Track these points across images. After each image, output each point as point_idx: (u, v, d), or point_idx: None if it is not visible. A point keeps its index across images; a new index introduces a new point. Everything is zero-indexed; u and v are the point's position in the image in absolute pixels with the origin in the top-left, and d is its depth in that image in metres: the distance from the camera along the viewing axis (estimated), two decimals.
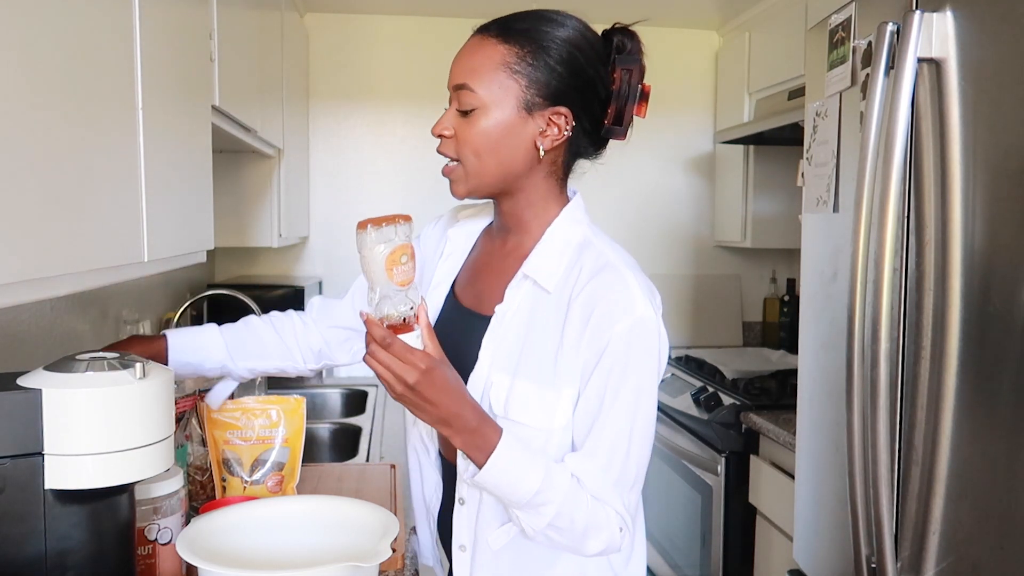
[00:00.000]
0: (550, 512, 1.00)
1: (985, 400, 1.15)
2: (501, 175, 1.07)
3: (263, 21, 2.17)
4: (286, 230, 2.67)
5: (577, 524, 1.01)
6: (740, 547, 2.39)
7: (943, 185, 1.22)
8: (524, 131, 1.05)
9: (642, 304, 1.03)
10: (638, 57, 1.11)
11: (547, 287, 1.06)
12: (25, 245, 0.75)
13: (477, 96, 1.04)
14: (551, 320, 1.05)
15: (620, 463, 1.04)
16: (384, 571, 1.19)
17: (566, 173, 1.14)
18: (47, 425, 0.87)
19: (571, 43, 1.06)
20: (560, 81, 1.05)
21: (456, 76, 1.06)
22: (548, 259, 1.08)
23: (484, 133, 1.04)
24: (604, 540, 1.03)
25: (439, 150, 1.09)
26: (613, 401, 1.03)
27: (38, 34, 0.78)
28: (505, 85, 1.03)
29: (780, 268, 3.46)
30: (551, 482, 1.00)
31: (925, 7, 1.24)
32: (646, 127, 3.95)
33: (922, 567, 1.26)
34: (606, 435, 1.03)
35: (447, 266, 1.22)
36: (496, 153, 1.05)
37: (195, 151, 1.35)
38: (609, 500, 1.03)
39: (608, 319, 1.02)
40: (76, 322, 1.74)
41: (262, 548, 1.02)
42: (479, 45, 1.06)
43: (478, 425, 0.99)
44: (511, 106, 1.04)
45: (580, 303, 1.03)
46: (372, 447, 2.06)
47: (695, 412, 2.53)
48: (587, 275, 1.05)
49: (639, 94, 1.10)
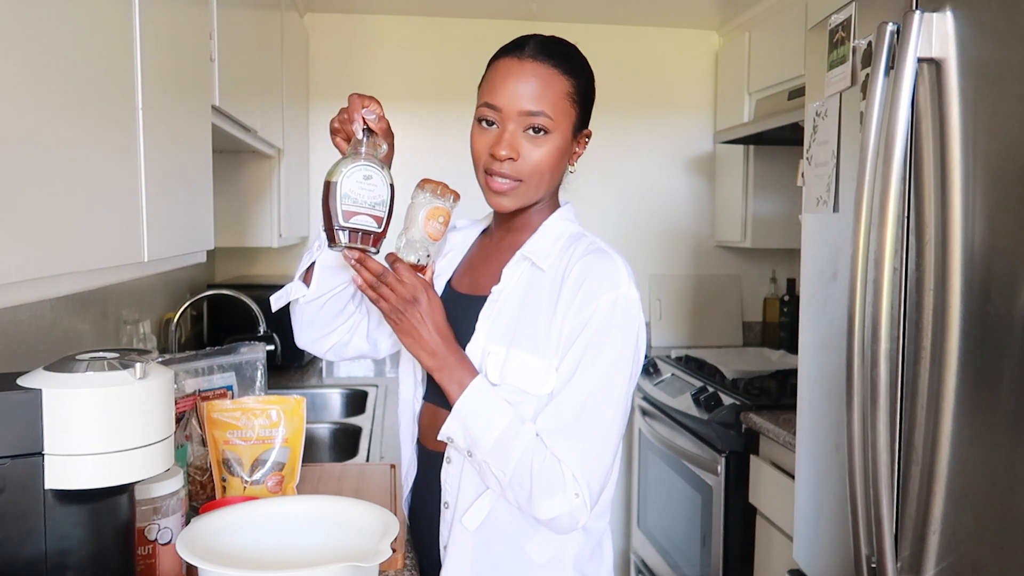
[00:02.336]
0: (515, 456, 1.08)
1: (985, 400, 1.15)
2: (547, 190, 1.20)
3: (263, 21, 2.18)
4: (286, 230, 2.67)
5: (534, 481, 1.07)
6: (740, 547, 2.39)
7: (943, 185, 1.22)
8: (567, 152, 1.18)
9: (627, 283, 1.13)
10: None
11: (543, 266, 1.17)
12: (25, 245, 0.76)
13: (551, 122, 1.14)
14: (545, 295, 1.16)
15: (586, 425, 1.09)
16: (384, 571, 1.19)
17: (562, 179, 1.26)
18: (47, 425, 0.87)
19: (590, 72, 1.20)
20: (590, 107, 1.21)
21: (528, 102, 1.13)
22: (545, 243, 1.20)
23: (550, 156, 1.15)
24: (558, 504, 1.08)
25: (500, 172, 1.14)
26: (589, 366, 1.10)
27: (38, 34, 0.78)
28: (569, 113, 1.16)
29: (780, 268, 3.46)
30: (517, 428, 1.09)
31: (925, 7, 1.24)
32: (646, 127, 3.96)
33: (922, 567, 1.27)
34: (575, 395, 1.10)
35: (445, 262, 1.32)
36: (553, 172, 1.17)
37: (195, 151, 1.35)
38: (568, 461, 1.08)
39: (596, 290, 1.11)
40: (76, 322, 1.74)
41: (262, 548, 1.02)
42: (548, 75, 1.14)
43: (458, 361, 1.13)
44: (568, 132, 1.16)
45: (572, 276, 1.14)
46: (372, 447, 2.06)
47: (695, 412, 2.53)
48: (580, 254, 1.15)
49: None
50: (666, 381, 2.89)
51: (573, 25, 3.32)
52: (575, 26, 3.32)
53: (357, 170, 1.10)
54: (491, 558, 1.17)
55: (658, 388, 2.89)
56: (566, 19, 3.28)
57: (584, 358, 1.10)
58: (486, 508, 1.17)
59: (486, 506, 1.17)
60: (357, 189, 1.10)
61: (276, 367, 2.67)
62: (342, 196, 1.09)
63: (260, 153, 2.42)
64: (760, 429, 2.25)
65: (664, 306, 3.44)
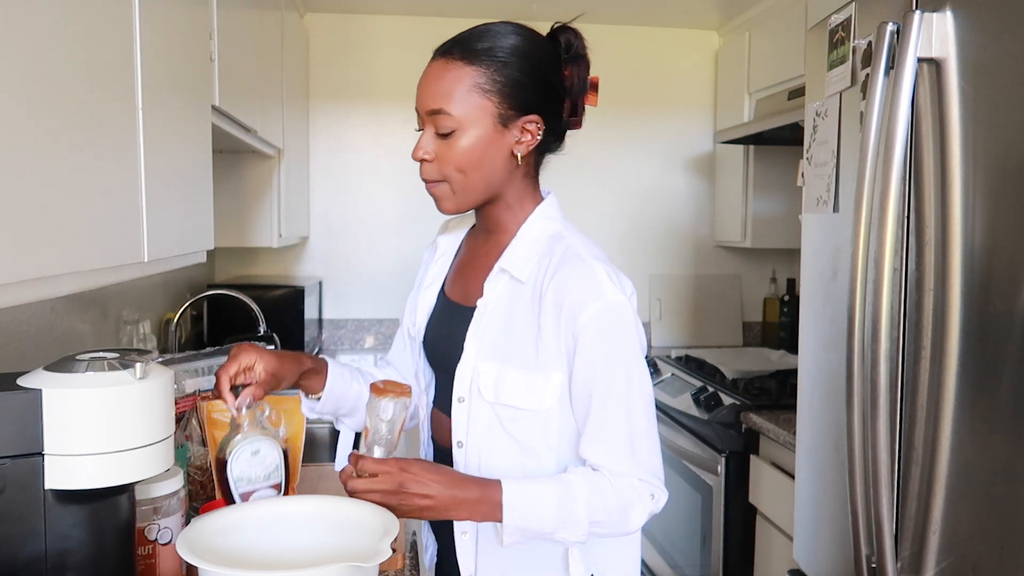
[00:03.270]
0: (582, 516, 1.07)
1: (985, 400, 1.15)
2: (485, 187, 1.14)
3: (263, 21, 2.17)
4: (286, 230, 2.67)
5: (611, 510, 1.08)
6: (740, 547, 2.39)
7: (943, 185, 1.22)
8: (502, 143, 1.11)
9: (610, 290, 1.09)
10: (583, 53, 1.17)
11: (521, 278, 1.13)
12: (25, 245, 0.75)
13: (454, 119, 1.09)
14: (528, 309, 1.12)
15: (626, 439, 1.10)
16: (384, 571, 1.19)
17: (537, 172, 1.21)
18: (47, 425, 0.87)
19: (530, 54, 1.12)
20: (528, 92, 1.11)
21: (428, 101, 1.11)
22: (521, 252, 1.15)
23: (466, 152, 1.10)
24: (642, 511, 1.10)
25: (423, 175, 1.14)
26: (605, 380, 1.09)
27: (38, 34, 0.78)
28: (479, 104, 1.09)
29: (780, 268, 3.46)
30: (568, 491, 1.07)
31: (925, 7, 1.24)
32: (646, 127, 3.96)
33: (922, 567, 1.26)
34: (605, 417, 1.09)
35: (437, 267, 1.30)
36: (480, 168, 1.11)
37: (195, 151, 1.35)
38: (629, 472, 1.09)
39: (579, 307, 1.08)
40: (76, 322, 1.74)
41: (262, 548, 1.02)
42: (445, 69, 1.10)
43: (480, 493, 1.06)
44: (488, 123, 1.10)
45: (551, 293, 1.10)
46: None
47: (695, 412, 2.53)
48: (555, 265, 1.11)
49: (588, 85, 1.17)
50: (666, 381, 2.89)
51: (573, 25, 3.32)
52: (575, 26, 3.32)
53: (244, 448, 1.16)
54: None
55: (658, 388, 2.89)
56: (566, 19, 3.27)
57: (597, 378, 1.09)
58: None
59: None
60: (248, 468, 1.17)
61: None
62: (235, 480, 1.16)
63: (260, 153, 2.42)
64: (760, 429, 2.25)
65: (664, 306, 3.44)
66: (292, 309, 2.80)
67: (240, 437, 1.16)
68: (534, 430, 1.13)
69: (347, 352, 3.27)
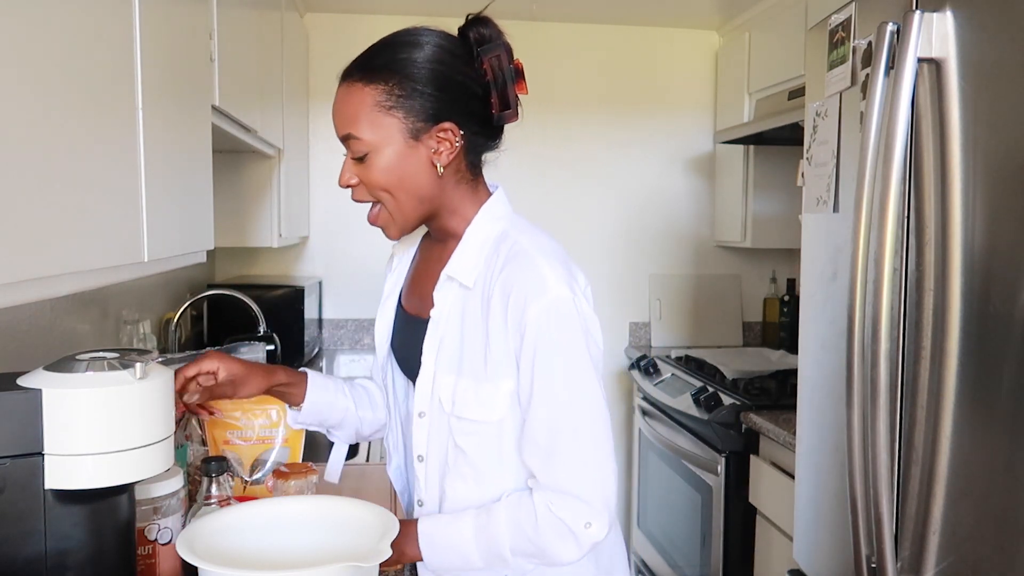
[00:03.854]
0: (505, 544, 1.05)
1: (985, 400, 1.15)
2: (418, 203, 1.11)
3: (263, 21, 2.17)
4: (286, 230, 2.67)
5: (536, 542, 1.05)
6: (740, 547, 2.39)
7: (943, 185, 1.22)
8: (418, 157, 1.08)
9: (554, 285, 1.05)
10: (500, 41, 1.11)
11: (468, 284, 1.10)
12: (25, 245, 0.75)
13: (364, 142, 1.07)
14: (477, 315, 1.09)
15: (567, 444, 1.05)
16: (384, 571, 1.19)
17: (475, 173, 1.16)
18: (47, 425, 0.87)
19: (431, 60, 1.08)
20: (433, 100, 1.07)
21: (339, 128, 1.09)
22: (467, 257, 1.12)
23: (384, 172, 1.08)
24: (572, 546, 1.05)
25: (353, 198, 1.13)
26: (546, 386, 1.04)
27: (38, 34, 0.78)
28: (384, 123, 1.06)
29: (780, 268, 3.46)
30: (487, 519, 1.06)
31: (925, 7, 1.24)
32: (646, 127, 3.96)
33: (922, 567, 1.26)
34: (542, 418, 1.05)
35: (393, 279, 1.28)
36: (402, 186, 1.09)
37: (195, 151, 1.35)
38: (569, 489, 1.04)
39: (522, 304, 1.04)
40: (76, 322, 1.74)
41: (262, 548, 1.02)
42: (348, 93, 1.08)
43: (403, 535, 1.06)
44: (398, 140, 1.07)
45: (497, 293, 1.06)
46: (372, 447, 2.06)
47: (695, 412, 2.53)
48: (500, 265, 1.08)
49: (514, 74, 1.11)
50: (666, 381, 2.89)
51: (573, 25, 3.32)
52: (575, 26, 3.33)
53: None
54: None
55: (658, 388, 2.89)
56: (566, 19, 3.28)
57: (537, 379, 1.04)
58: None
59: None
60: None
61: None
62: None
63: (260, 153, 2.42)
64: (760, 429, 2.25)
65: (664, 306, 3.44)
66: (292, 309, 2.80)
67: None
68: (489, 443, 1.10)
69: (347, 352, 3.27)
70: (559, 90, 3.32)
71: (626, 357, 3.36)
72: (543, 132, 3.28)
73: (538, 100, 3.33)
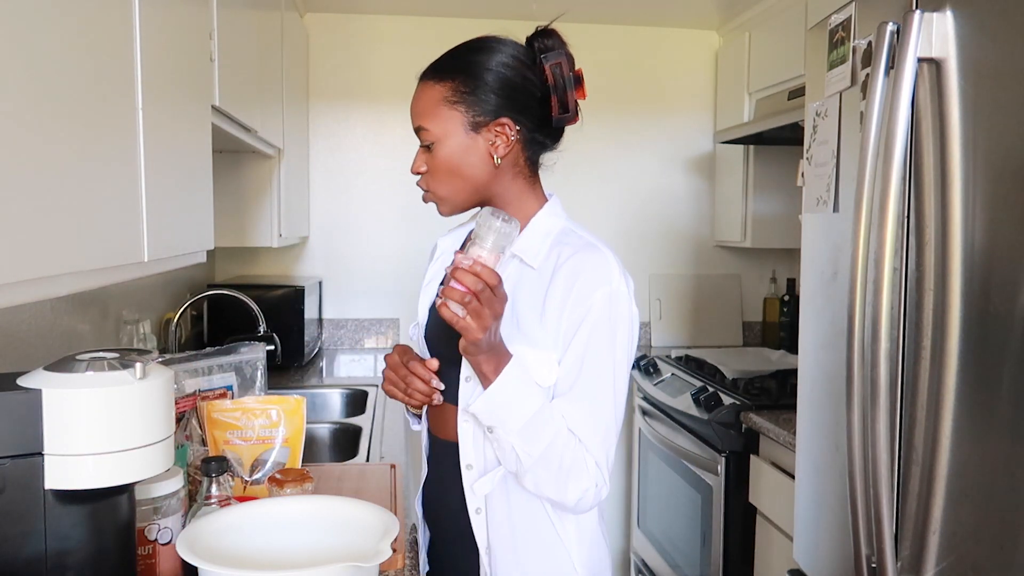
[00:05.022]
0: (546, 438, 1.13)
1: (985, 400, 1.15)
2: (471, 189, 1.22)
3: (263, 21, 2.18)
4: (286, 230, 2.67)
5: (565, 461, 1.13)
6: (740, 547, 2.39)
7: (943, 185, 1.22)
8: (477, 148, 1.20)
9: (618, 278, 1.18)
10: (562, 50, 1.25)
11: (532, 264, 1.20)
12: (25, 245, 0.75)
13: (431, 133, 1.20)
14: (534, 291, 1.19)
15: (603, 411, 1.17)
16: (384, 571, 1.19)
17: (533, 171, 1.28)
18: (47, 425, 0.87)
19: (496, 63, 1.20)
20: (493, 98, 1.19)
21: (413, 121, 1.23)
22: (533, 241, 1.22)
23: (446, 159, 1.20)
24: (582, 488, 1.15)
25: (418, 184, 1.26)
26: (595, 360, 1.16)
27: (38, 34, 0.78)
28: (449, 116, 1.19)
29: (780, 268, 3.46)
30: (550, 410, 1.14)
31: (925, 7, 1.24)
32: (646, 127, 3.96)
33: (922, 567, 1.27)
34: (591, 384, 1.16)
35: (436, 266, 1.37)
36: (460, 173, 1.21)
37: (195, 151, 1.35)
38: (591, 448, 1.15)
39: (591, 286, 1.15)
40: (76, 322, 1.74)
41: (262, 548, 1.02)
42: (422, 90, 1.23)
43: (503, 351, 1.14)
44: (459, 132, 1.19)
45: (564, 274, 1.17)
46: (372, 447, 2.06)
47: (695, 412, 2.53)
48: (571, 251, 1.19)
49: (574, 80, 1.24)
50: (666, 381, 2.89)
51: (573, 25, 3.30)
52: (575, 26, 3.30)
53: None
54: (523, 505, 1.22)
55: (658, 388, 2.89)
56: (566, 19, 3.26)
57: (588, 353, 1.15)
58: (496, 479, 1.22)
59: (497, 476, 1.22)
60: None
61: (276, 367, 2.67)
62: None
63: (260, 153, 2.42)
64: (760, 429, 2.25)
65: (664, 306, 3.44)
66: (292, 309, 2.80)
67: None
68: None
69: (347, 352, 3.27)
70: None
71: None
72: None
73: None
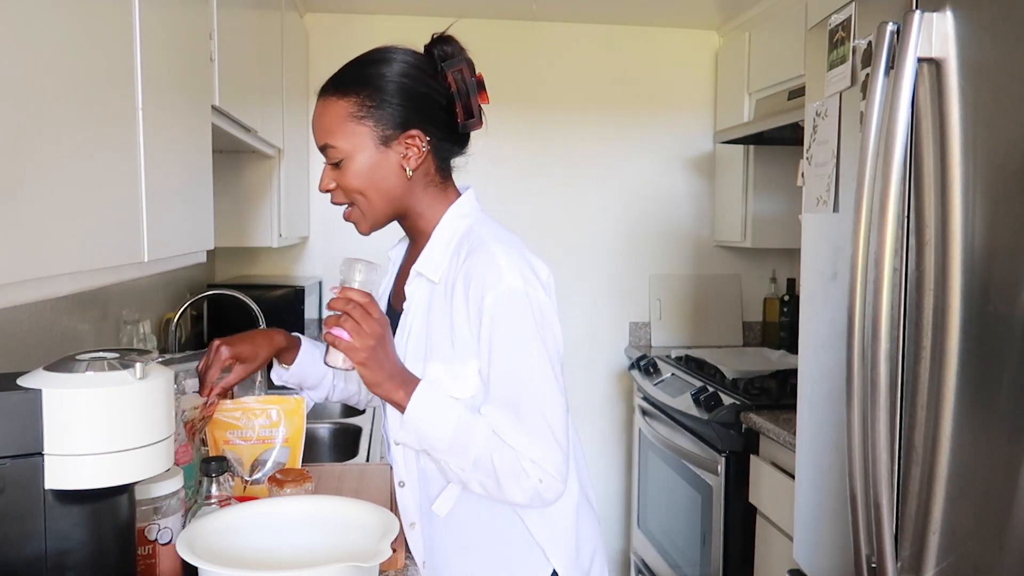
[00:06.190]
0: (474, 449, 1.13)
1: (985, 400, 1.15)
2: (387, 202, 1.21)
3: (263, 21, 2.18)
4: (286, 230, 2.67)
5: (499, 466, 1.13)
6: (740, 547, 2.39)
7: (943, 185, 1.22)
8: (388, 162, 1.19)
9: (508, 276, 1.14)
10: (462, 56, 1.22)
11: (434, 279, 1.21)
12: (25, 245, 0.75)
13: (340, 150, 1.18)
14: (443, 306, 1.19)
15: (528, 410, 1.14)
16: (384, 571, 1.19)
17: (444, 176, 1.26)
18: (47, 425, 0.87)
19: (399, 74, 1.19)
20: (400, 110, 1.18)
21: (317, 139, 1.21)
22: (434, 254, 1.22)
23: (357, 176, 1.19)
24: (526, 487, 1.13)
25: (332, 201, 1.24)
26: (506, 358, 1.15)
27: (38, 34, 0.78)
28: (357, 132, 1.18)
29: (780, 268, 3.46)
30: (469, 423, 1.14)
31: (925, 7, 1.24)
32: (646, 127, 3.95)
33: (922, 567, 1.27)
34: (507, 387, 1.15)
35: (387, 280, 1.39)
36: (374, 188, 1.20)
37: (195, 151, 1.35)
38: (521, 448, 1.13)
39: (479, 291, 1.15)
40: (76, 322, 1.74)
41: (262, 548, 1.02)
42: (324, 106, 1.20)
43: (409, 377, 1.17)
44: (370, 147, 1.18)
45: (460, 282, 1.17)
46: (372, 447, 2.06)
47: (695, 412, 2.53)
48: (465, 255, 1.18)
49: (476, 85, 1.22)
50: (666, 381, 2.89)
51: (573, 25, 3.32)
52: (575, 26, 3.32)
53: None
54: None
55: (658, 388, 2.89)
56: (566, 19, 3.28)
57: (495, 358, 1.15)
58: (454, 496, 1.22)
59: (453, 494, 1.22)
60: None
61: None
62: None
63: (260, 153, 2.42)
64: (760, 429, 2.25)
65: (664, 306, 3.44)
66: (292, 309, 2.80)
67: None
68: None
69: None
70: (559, 90, 3.32)
71: (626, 357, 3.36)
72: (543, 132, 3.28)
73: (538, 100, 3.34)
